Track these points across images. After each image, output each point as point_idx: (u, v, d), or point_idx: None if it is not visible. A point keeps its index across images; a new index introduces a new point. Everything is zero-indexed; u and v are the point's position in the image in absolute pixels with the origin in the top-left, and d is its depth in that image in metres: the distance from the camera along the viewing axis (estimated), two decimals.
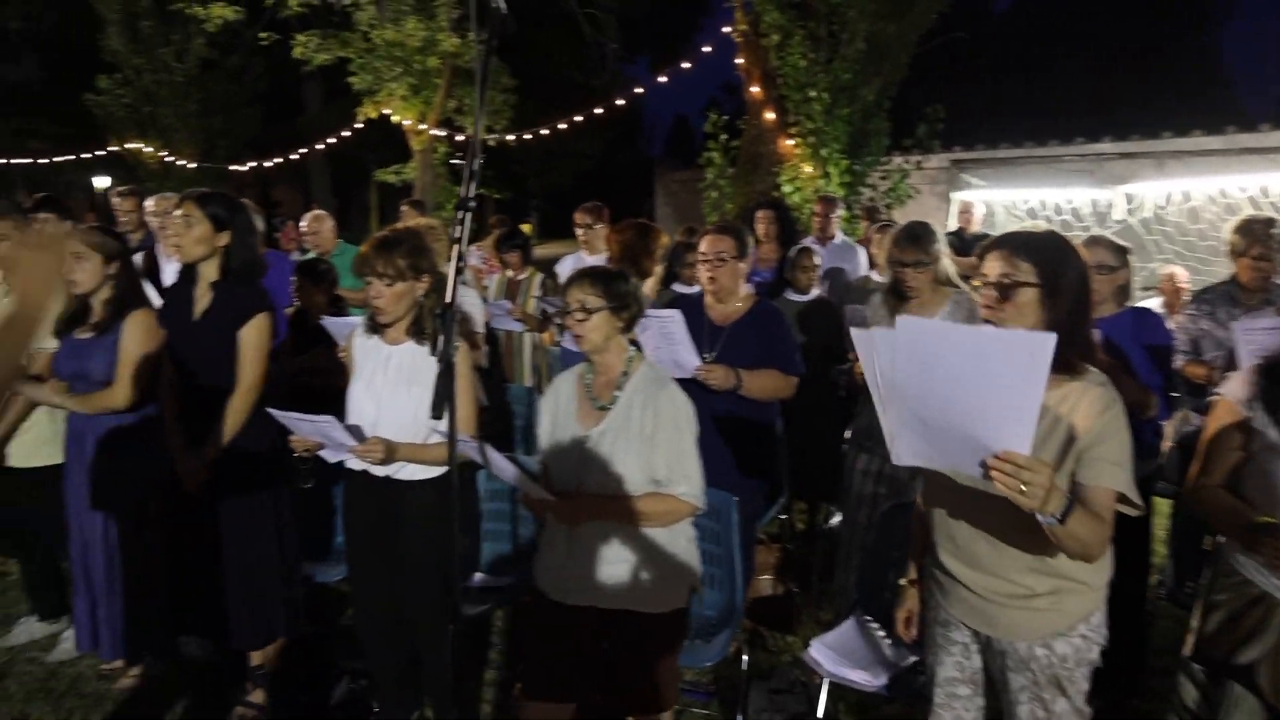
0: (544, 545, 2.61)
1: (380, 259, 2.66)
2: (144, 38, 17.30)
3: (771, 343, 3.34)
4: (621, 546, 2.46)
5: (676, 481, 2.43)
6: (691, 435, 2.47)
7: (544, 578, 2.59)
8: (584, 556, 2.47)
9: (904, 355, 1.65)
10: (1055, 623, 1.97)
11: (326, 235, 5.86)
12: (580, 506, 2.42)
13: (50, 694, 3.39)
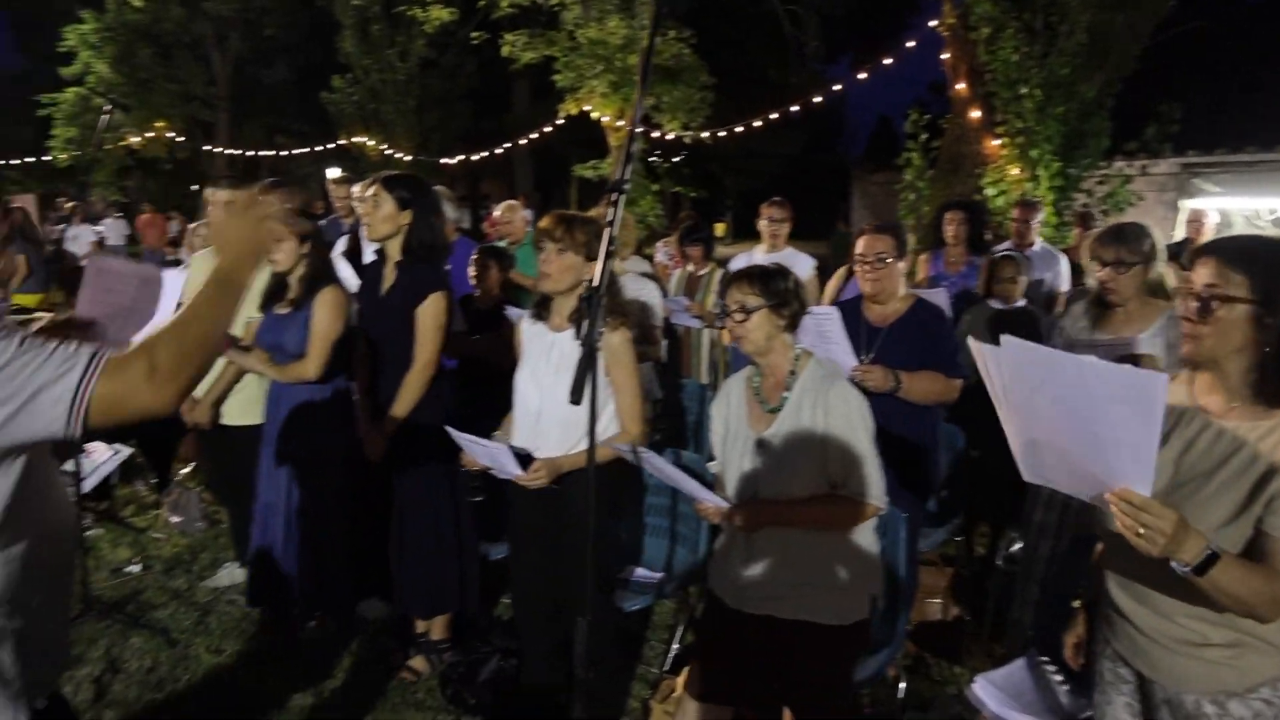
0: (720, 551, 2.56)
1: (560, 227, 2.70)
2: (373, 40, 18.70)
3: (932, 344, 3.17)
4: (801, 554, 2.36)
5: (854, 482, 2.31)
6: (867, 432, 2.34)
7: (720, 583, 2.53)
8: (763, 565, 2.39)
9: (1012, 376, 1.59)
10: (1230, 680, 1.69)
11: (518, 224, 6.06)
12: (756, 513, 2.35)
13: (242, 635, 3.68)
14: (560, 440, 2.79)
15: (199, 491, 4.96)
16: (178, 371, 1.38)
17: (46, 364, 1.32)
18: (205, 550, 4.55)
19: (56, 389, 1.32)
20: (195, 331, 1.44)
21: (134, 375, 1.35)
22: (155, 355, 1.38)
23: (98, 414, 1.34)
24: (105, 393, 1.33)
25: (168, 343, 1.40)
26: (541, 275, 2.76)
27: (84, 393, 1.32)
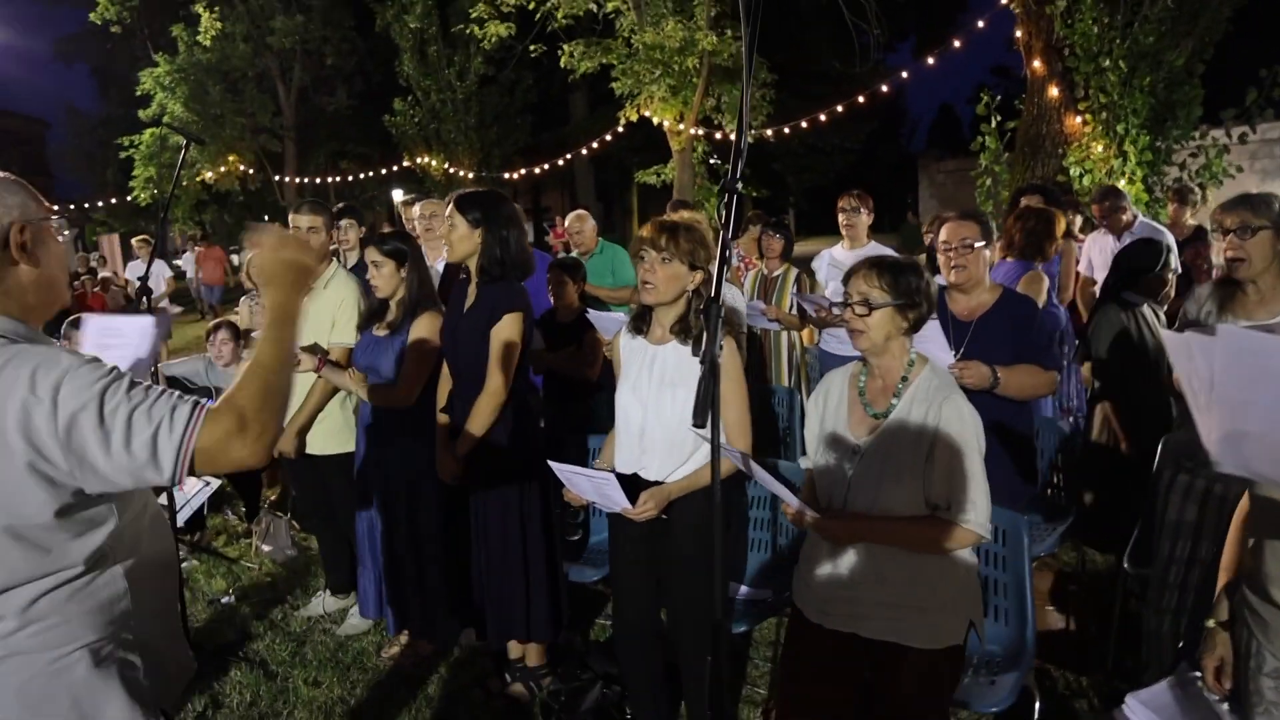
0: (805, 561, 2.39)
1: (664, 235, 2.57)
2: (431, 61, 18.99)
3: (1026, 335, 3.00)
4: (891, 572, 2.19)
5: (958, 506, 2.12)
6: (978, 454, 2.15)
7: (803, 596, 2.38)
8: (847, 579, 2.23)
9: (1228, 365, 1.49)
10: None
11: (588, 234, 5.97)
12: (846, 525, 2.19)
13: (338, 665, 3.64)
14: (666, 459, 2.66)
15: (287, 519, 4.97)
16: (265, 421, 1.43)
17: (156, 407, 1.37)
18: (297, 578, 4.54)
19: (164, 440, 1.36)
20: (272, 376, 1.48)
21: (228, 429, 1.39)
22: (242, 407, 1.42)
23: (200, 466, 1.39)
24: (204, 446, 1.38)
25: (250, 392, 1.44)
26: (644, 286, 2.63)
27: (187, 445, 1.37)
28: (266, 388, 1.45)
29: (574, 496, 2.84)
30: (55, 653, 1.45)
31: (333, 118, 23.73)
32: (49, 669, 1.45)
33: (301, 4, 21.23)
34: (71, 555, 1.44)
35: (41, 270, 1.49)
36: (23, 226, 1.46)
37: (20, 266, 1.46)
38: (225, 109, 20.83)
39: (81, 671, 1.47)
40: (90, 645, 1.48)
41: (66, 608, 1.45)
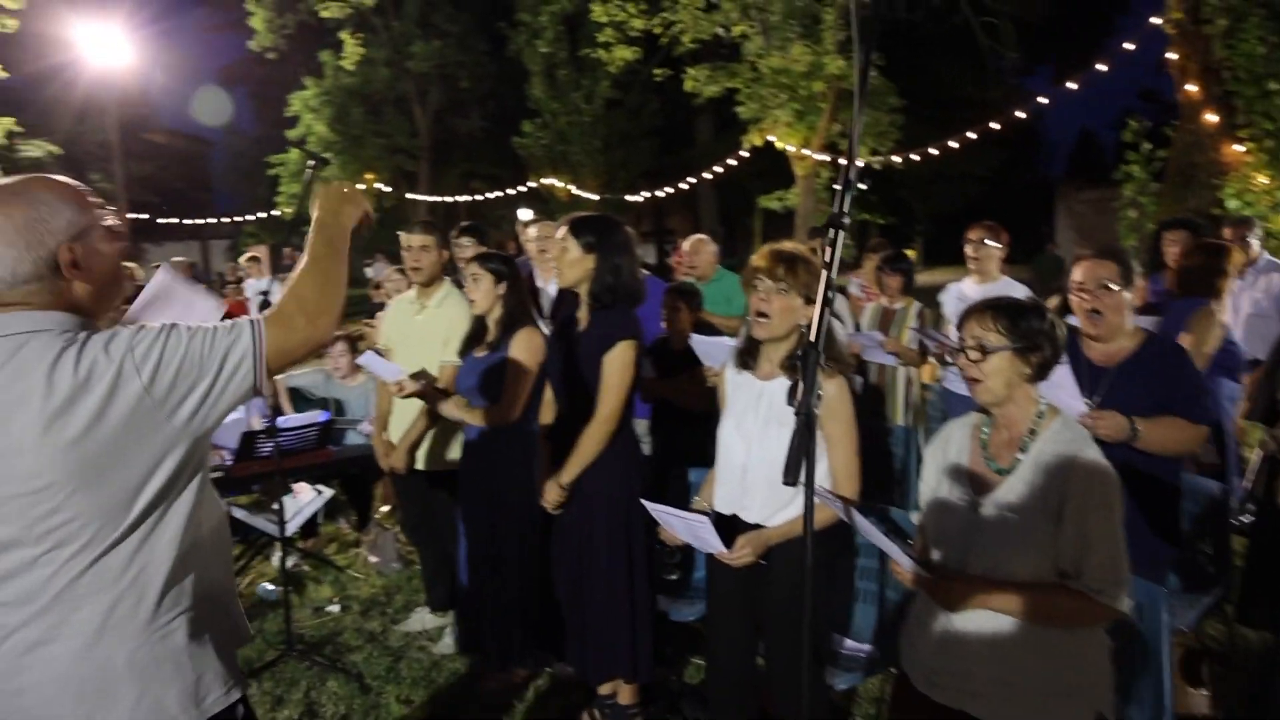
0: (913, 624, 2.21)
1: (782, 266, 2.46)
2: (560, 84, 19.42)
3: (1173, 386, 2.70)
4: (1009, 647, 1.97)
5: (1092, 576, 1.89)
6: (1116, 516, 1.92)
7: (910, 661, 2.19)
8: (960, 650, 2.03)
9: None
10: None
11: (705, 260, 5.88)
12: (963, 590, 1.99)
13: (431, 684, 3.63)
14: (768, 500, 2.53)
15: (395, 532, 5.05)
16: (324, 303, 1.57)
17: (221, 332, 1.49)
18: (400, 592, 4.59)
19: (235, 353, 1.48)
20: (321, 269, 1.61)
21: (291, 319, 1.54)
22: (300, 294, 1.56)
23: (274, 362, 1.51)
24: (274, 341, 1.51)
25: (304, 284, 1.58)
26: (756, 319, 2.52)
27: (260, 348, 1.49)
28: (320, 273, 1.60)
29: (669, 536, 2.75)
30: (157, 622, 1.51)
31: (465, 139, 24.56)
32: (151, 638, 1.50)
33: (439, 30, 22.13)
34: (165, 525, 1.51)
35: (95, 282, 1.53)
36: (70, 246, 1.47)
37: (75, 284, 1.49)
38: (365, 130, 21.87)
39: (181, 638, 1.54)
40: (187, 613, 1.55)
41: (160, 570, 1.51)
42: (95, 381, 1.39)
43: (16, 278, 1.43)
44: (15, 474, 1.39)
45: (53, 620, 1.45)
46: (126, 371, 1.40)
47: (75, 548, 1.44)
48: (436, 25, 22.20)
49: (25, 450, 1.37)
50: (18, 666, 1.46)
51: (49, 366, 1.38)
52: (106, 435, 1.40)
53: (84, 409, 1.38)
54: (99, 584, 1.46)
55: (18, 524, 1.42)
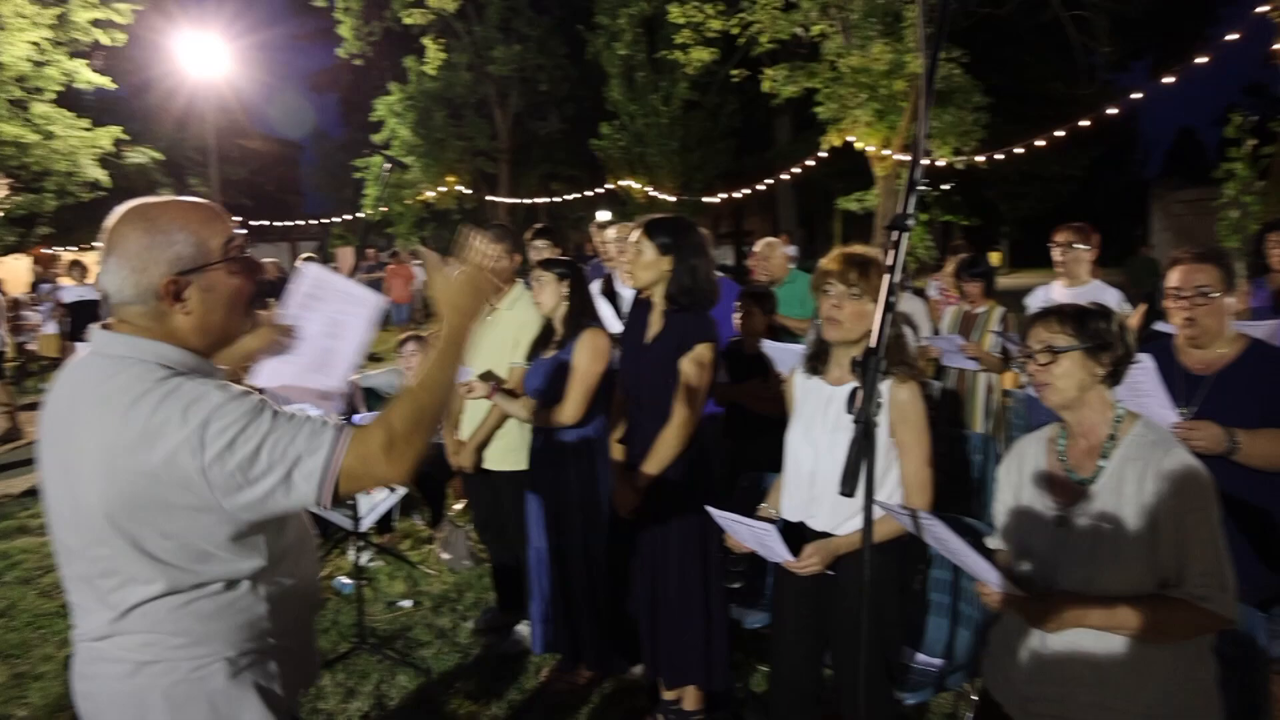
0: (999, 644, 2.12)
1: (855, 270, 2.41)
2: (638, 86, 19.47)
3: (1276, 395, 2.53)
4: (1112, 668, 1.86)
5: (1195, 581, 1.79)
6: (1214, 517, 1.82)
7: (999, 686, 2.10)
8: (1058, 673, 1.93)
9: None
10: None
11: (777, 262, 5.81)
12: (1058, 607, 1.87)
13: (498, 681, 3.66)
14: (836, 508, 2.48)
15: (467, 530, 5.12)
16: (412, 441, 1.46)
17: (297, 440, 1.40)
18: (470, 590, 4.65)
19: (308, 464, 1.39)
20: (429, 400, 1.51)
21: (374, 448, 1.42)
22: (393, 427, 1.44)
23: (344, 487, 1.42)
24: (349, 466, 1.41)
25: (404, 414, 1.47)
26: (828, 323, 2.47)
27: (333, 468, 1.40)
28: (420, 410, 1.48)
29: (735, 543, 2.71)
30: (197, 661, 1.50)
31: (544, 141, 24.84)
32: (191, 675, 1.50)
33: (520, 34, 22.44)
34: (221, 573, 1.49)
35: (199, 318, 1.49)
36: (175, 279, 1.45)
37: (178, 315, 1.48)
38: (447, 133, 22.32)
39: (220, 681, 1.52)
40: (229, 657, 1.53)
41: (209, 621, 1.50)
42: (162, 438, 1.36)
43: (122, 297, 1.46)
44: (82, 493, 1.43)
45: (106, 640, 1.50)
46: (193, 444, 1.36)
47: (116, 582, 1.46)
48: (517, 29, 22.52)
49: (93, 476, 1.41)
50: (87, 671, 1.55)
51: (131, 401, 1.38)
52: (157, 493, 1.38)
53: (145, 458, 1.37)
54: (142, 621, 1.47)
55: (83, 539, 1.47)
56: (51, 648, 4.09)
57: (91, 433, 1.41)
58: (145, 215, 1.46)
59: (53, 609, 4.52)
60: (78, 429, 1.43)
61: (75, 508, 1.45)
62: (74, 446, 1.43)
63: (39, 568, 5.17)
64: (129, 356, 1.44)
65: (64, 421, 1.46)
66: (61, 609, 4.52)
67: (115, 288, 1.45)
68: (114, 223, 1.46)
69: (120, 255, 1.44)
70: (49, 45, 17.07)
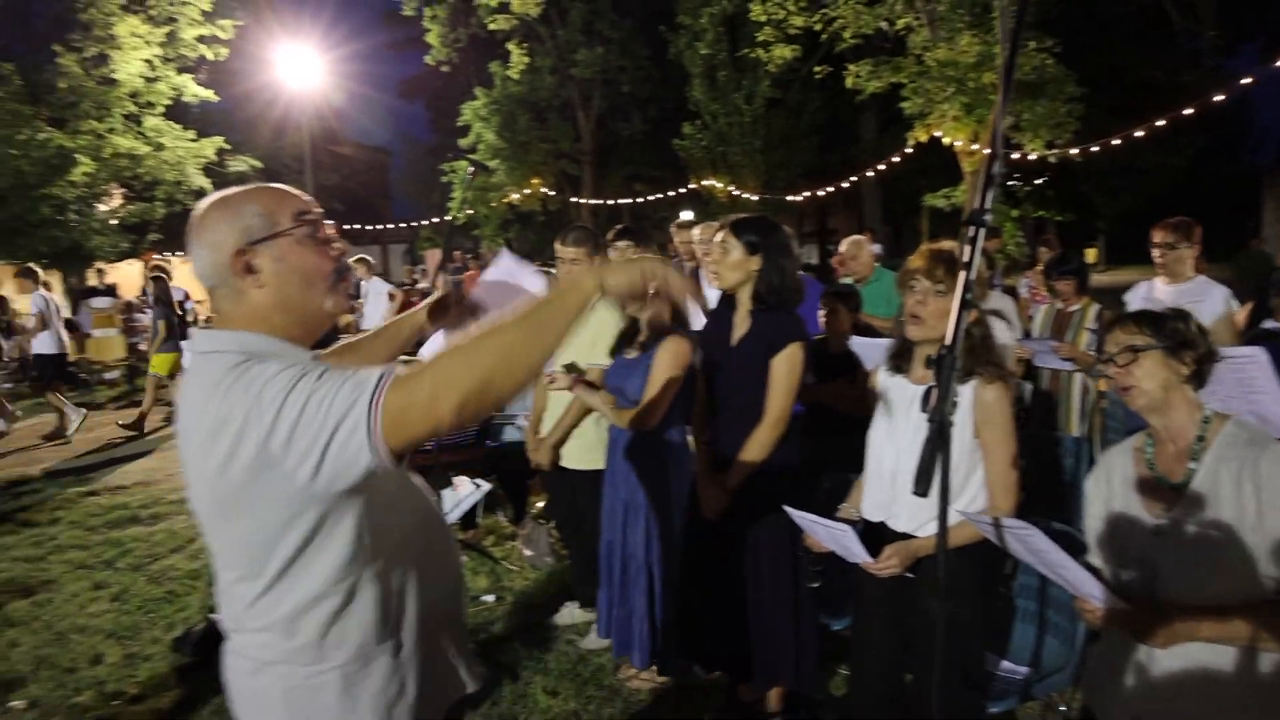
0: (1102, 661, 2.05)
1: (940, 267, 2.38)
2: (720, 86, 19.42)
3: None
4: (1230, 684, 1.78)
5: None
6: None
7: (1104, 704, 2.04)
8: (1171, 691, 1.85)
9: None
10: None
11: (864, 260, 5.74)
12: (1167, 620, 1.79)
13: (577, 678, 3.71)
14: (918, 510, 2.45)
15: (549, 527, 5.19)
16: (462, 380, 1.30)
17: (339, 396, 1.29)
18: (551, 586, 4.72)
19: (352, 416, 1.28)
20: (493, 341, 1.34)
21: (412, 389, 1.29)
22: (439, 373, 1.31)
23: (391, 435, 1.29)
24: (390, 410, 1.28)
25: (456, 353, 1.33)
26: (911, 320, 2.43)
27: (375, 415, 1.27)
28: (490, 343, 1.34)
29: (814, 543, 2.70)
30: (311, 669, 1.47)
31: (627, 142, 24.99)
32: (305, 683, 1.48)
33: (602, 37, 22.63)
34: (325, 571, 1.43)
35: (274, 291, 1.46)
36: (240, 251, 1.43)
37: (251, 292, 1.45)
38: (531, 136, 22.70)
39: (332, 695, 1.47)
40: (343, 667, 1.48)
41: (320, 625, 1.45)
42: (230, 421, 1.33)
43: (209, 282, 1.46)
44: (198, 496, 1.46)
45: (235, 635, 1.54)
46: (252, 418, 1.31)
47: (232, 576, 1.48)
48: (599, 32, 22.73)
49: (195, 473, 1.43)
50: (227, 663, 1.58)
51: (207, 392, 1.37)
52: (235, 480, 1.34)
53: (220, 446, 1.33)
54: (257, 618, 1.46)
55: (207, 534, 1.50)
56: (159, 631, 4.31)
57: (188, 431, 1.43)
58: (221, 199, 1.48)
59: (160, 594, 4.77)
60: (185, 428, 1.45)
61: (197, 508, 1.48)
62: (185, 444, 1.45)
63: (148, 555, 5.46)
64: (214, 351, 1.42)
65: (180, 422, 1.48)
66: (168, 595, 4.77)
67: (203, 274, 1.47)
68: (197, 215, 1.48)
69: (200, 240, 1.45)
70: (159, 62, 18.03)
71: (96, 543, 5.75)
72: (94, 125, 17.31)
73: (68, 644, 4.19)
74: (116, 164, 17.64)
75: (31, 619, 4.51)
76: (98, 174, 17.33)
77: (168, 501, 6.72)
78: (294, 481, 1.32)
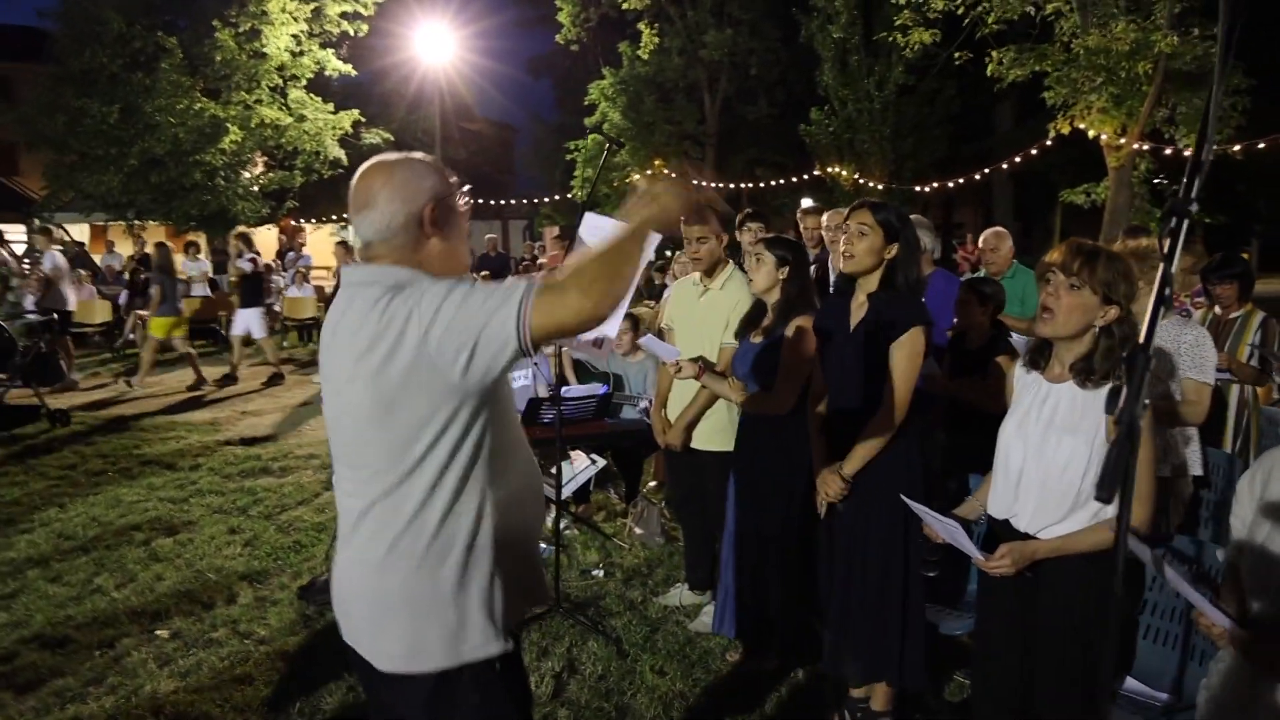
0: (1227, 691, 1.92)
1: (1077, 260, 2.27)
2: (851, 71, 18.93)
3: None
4: None
5: None
6: None
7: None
8: None
9: None
10: None
11: (1004, 254, 5.51)
12: None
13: (684, 659, 3.70)
14: (1040, 511, 2.34)
15: (661, 508, 5.20)
16: (602, 280, 1.52)
17: (494, 294, 1.52)
18: (661, 566, 4.73)
19: (504, 311, 1.49)
20: (609, 253, 1.56)
21: (563, 289, 1.50)
22: (579, 270, 1.53)
23: (539, 329, 1.49)
24: (542, 304, 1.49)
25: (586, 260, 1.55)
26: (1041, 314, 2.33)
27: (525, 308, 1.48)
28: (608, 255, 1.55)
29: (932, 532, 2.62)
30: (430, 561, 1.62)
31: (752, 126, 24.68)
32: (424, 574, 1.62)
33: (733, 18, 22.36)
34: (448, 472, 1.60)
35: (448, 242, 1.71)
36: (434, 205, 1.67)
37: (432, 240, 1.68)
38: (656, 117, 22.66)
39: (448, 584, 1.62)
40: (458, 563, 1.63)
41: (439, 522, 1.61)
42: (389, 328, 1.54)
43: (391, 229, 1.65)
44: (350, 402, 1.63)
45: (357, 540, 1.68)
46: (412, 322, 1.52)
47: (369, 473, 1.64)
48: (730, 14, 22.44)
49: (352, 381, 1.60)
50: (342, 574, 1.74)
51: (364, 312, 1.59)
52: (394, 377, 1.54)
53: (379, 350, 1.54)
54: (386, 515, 1.62)
55: (349, 442, 1.68)
56: (286, 578, 4.53)
57: (340, 346, 1.63)
58: (398, 160, 1.70)
59: (288, 543, 5.01)
60: (336, 344, 1.66)
61: (341, 416, 1.67)
62: (335, 364, 1.66)
63: (278, 505, 5.74)
64: (372, 282, 1.63)
65: (328, 347, 1.70)
66: (296, 544, 5.00)
67: (383, 224, 1.65)
68: (367, 177, 1.69)
69: (389, 194, 1.65)
70: (305, 37, 18.86)
71: (232, 490, 6.10)
72: (244, 96, 18.28)
73: (206, 582, 4.46)
74: (262, 133, 18.58)
75: (175, 556, 4.81)
76: (244, 142, 18.29)
77: (296, 456, 7.06)
78: (447, 375, 1.53)
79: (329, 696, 3.38)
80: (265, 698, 3.38)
